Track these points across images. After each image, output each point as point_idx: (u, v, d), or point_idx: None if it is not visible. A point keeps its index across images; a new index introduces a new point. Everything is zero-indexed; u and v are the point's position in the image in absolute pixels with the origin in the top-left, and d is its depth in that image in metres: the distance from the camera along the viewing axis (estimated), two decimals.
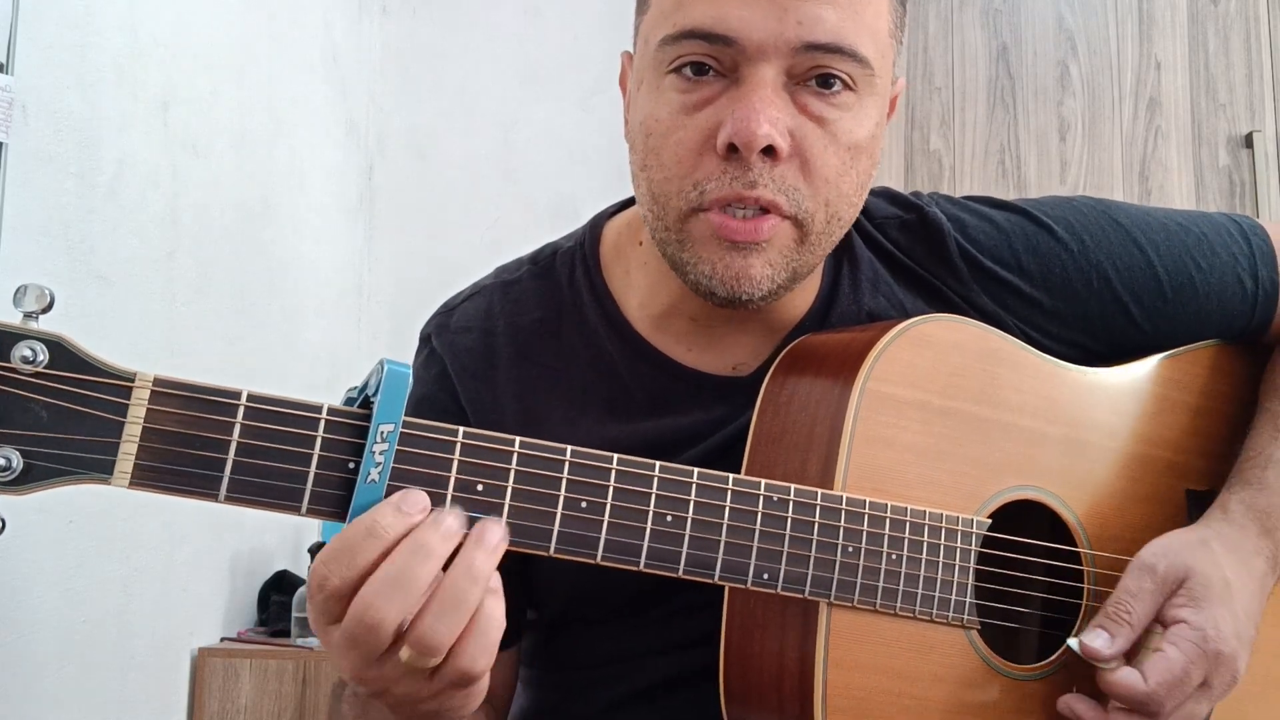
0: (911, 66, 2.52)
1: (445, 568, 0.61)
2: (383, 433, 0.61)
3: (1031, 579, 0.86)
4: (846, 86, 0.76)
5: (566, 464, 0.66)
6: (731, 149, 0.74)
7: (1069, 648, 0.79)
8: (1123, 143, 2.47)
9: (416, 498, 0.62)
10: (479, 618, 0.61)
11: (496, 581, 0.62)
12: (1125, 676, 0.75)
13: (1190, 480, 0.90)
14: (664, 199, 0.78)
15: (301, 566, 2.18)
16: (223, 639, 2.03)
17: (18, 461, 0.55)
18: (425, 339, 0.93)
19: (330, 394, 2.03)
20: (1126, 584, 0.79)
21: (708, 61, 0.75)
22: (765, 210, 0.75)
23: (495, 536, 0.62)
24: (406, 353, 0.90)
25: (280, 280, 2.26)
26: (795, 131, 0.75)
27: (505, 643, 0.87)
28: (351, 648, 0.60)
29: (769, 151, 0.74)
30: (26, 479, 0.56)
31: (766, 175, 0.75)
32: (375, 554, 0.60)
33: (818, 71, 0.75)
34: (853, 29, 0.74)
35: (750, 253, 0.76)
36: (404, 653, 0.59)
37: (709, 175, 0.76)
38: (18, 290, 0.57)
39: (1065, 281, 0.90)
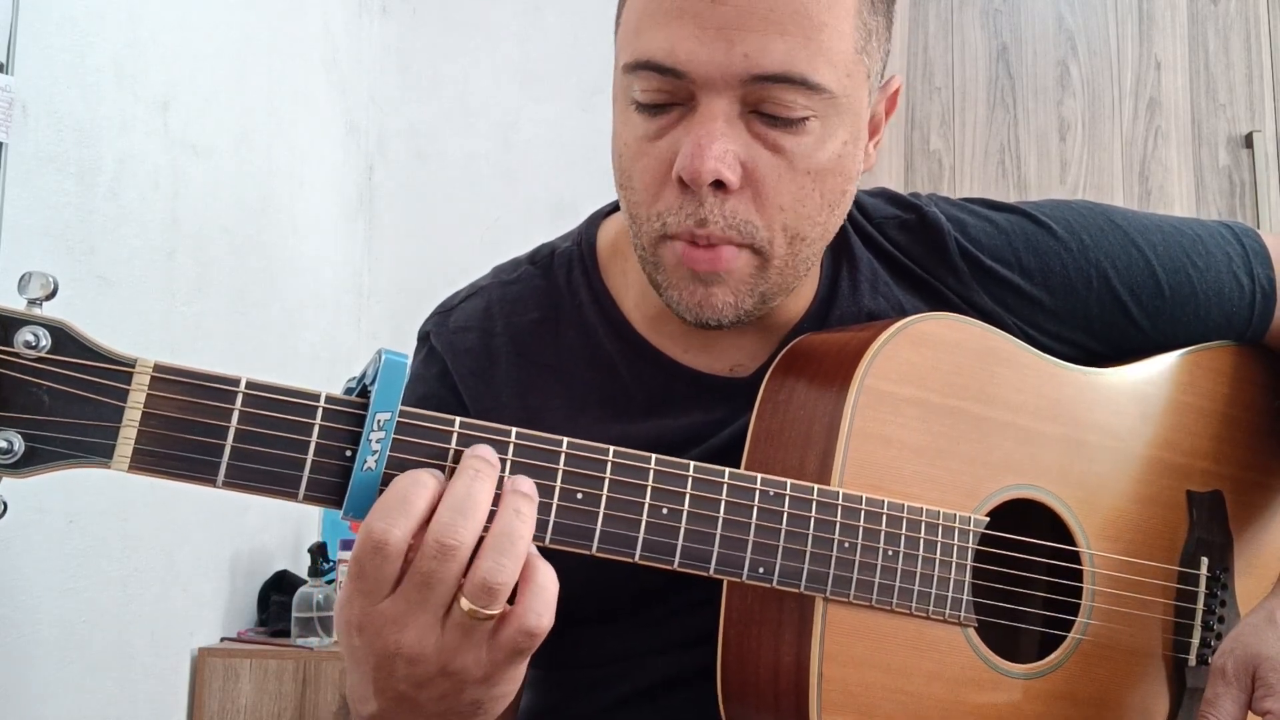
0: (911, 66, 2.52)
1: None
2: (379, 421, 0.61)
3: (1031, 578, 0.86)
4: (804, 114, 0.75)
5: (563, 455, 0.66)
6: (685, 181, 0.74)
7: None
8: (1123, 143, 2.47)
9: (434, 470, 0.62)
10: (535, 573, 0.61)
11: (535, 549, 0.63)
12: None
13: (1192, 482, 0.90)
14: (639, 222, 0.79)
15: (301, 567, 2.18)
16: (223, 639, 2.03)
17: (19, 444, 0.56)
18: (424, 338, 0.93)
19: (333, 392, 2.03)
20: (1206, 695, 0.80)
21: (660, 98, 0.75)
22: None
23: (528, 483, 0.63)
24: (406, 352, 0.90)
25: (280, 280, 2.26)
26: (748, 161, 0.74)
27: None
28: (420, 604, 0.59)
29: (719, 185, 0.74)
30: (28, 462, 0.57)
31: (717, 211, 0.74)
32: (428, 499, 0.60)
33: (768, 105, 0.74)
34: (804, 57, 0.72)
35: (711, 283, 0.77)
36: (464, 603, 0.59)
37: (669, 207, 0.76)
38: (22, 277, 0.57)
39: (1065, 280, 0.90)
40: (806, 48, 0.72)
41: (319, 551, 2.08)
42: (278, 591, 2.14)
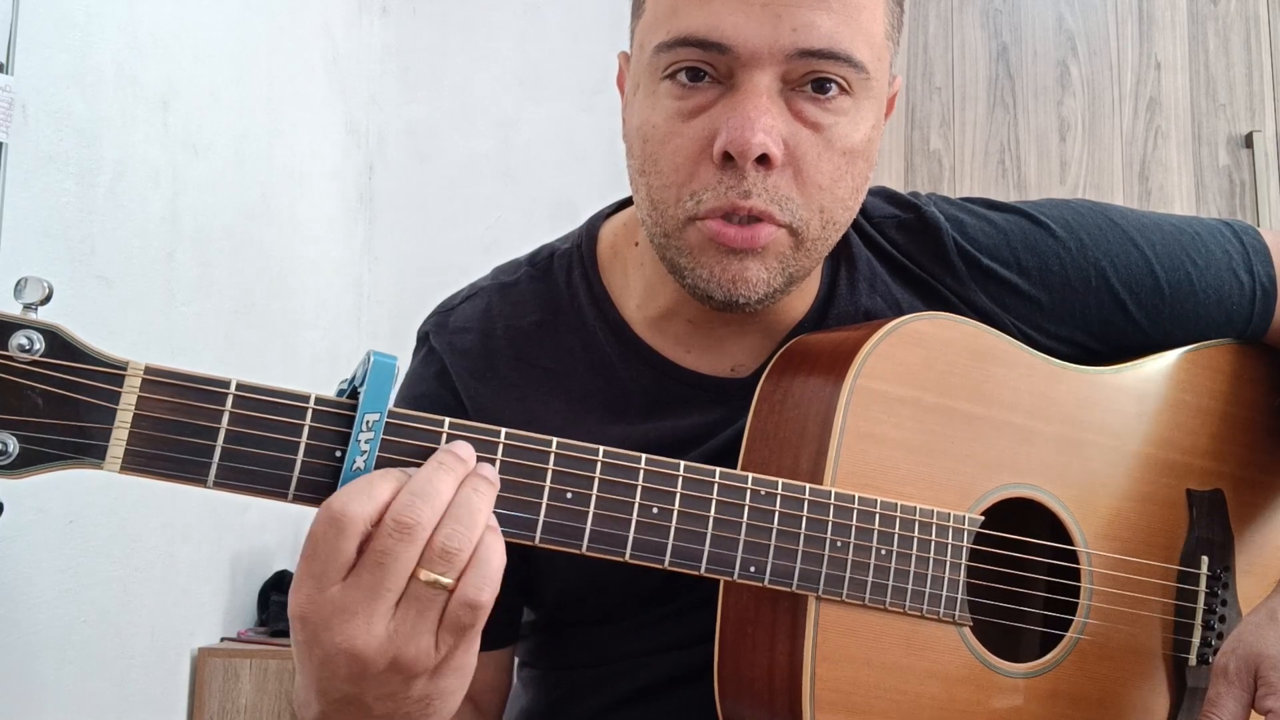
0: (911, 66, 2.52)
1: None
2: (368, 422, 0.62)
3: (1028, 577, 0.86)
4: (842, 90, 0.76)
5: (552, 455, 0.66)
6: (727, 157, 0.74)
7: None
8: (1123, 143, 2.46)
9: (410, 469, 0.63)
10: (480, 547, 0.61)
11: (495, 521, 0.63)
12: None
13: (1192, 480, 0.90)
14: (663, 206, 0.78)
15: None
16: (223, 639, 2.03)
17: (13, 446, 0.57)
18: (423, 338, 0.93)
19: (329, 393, 2.04)
20: (1208, 695, 0.80)
21: (703, 67, 0.75)
22: (758, 219, 0.76)
23: (490, 470, 0.64)
24: (406, 352, 0.90)
25: (280, 280, 2.26)
26: (790, 139, 0.75)
27: (496, 643, 0.87)
28: (371, 589, 0.59)
29: (763, 160, 0.74)
30: (22, 464, 0.58)
31: (760, 185, 0.75)
32: (392, 489, 0.61)
33: (813, 77, 0.75)
34: (848, 34, 0.74)
35: (747, 257, 0.77)
36: (423, 574, 0.60)
37: (705, 184, 0.76)
38: (18, 282, 0.58)
39: (1064, 280, 0.90)
40: (849, 25, 0.75)
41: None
42: (278, 591, 2.14)
